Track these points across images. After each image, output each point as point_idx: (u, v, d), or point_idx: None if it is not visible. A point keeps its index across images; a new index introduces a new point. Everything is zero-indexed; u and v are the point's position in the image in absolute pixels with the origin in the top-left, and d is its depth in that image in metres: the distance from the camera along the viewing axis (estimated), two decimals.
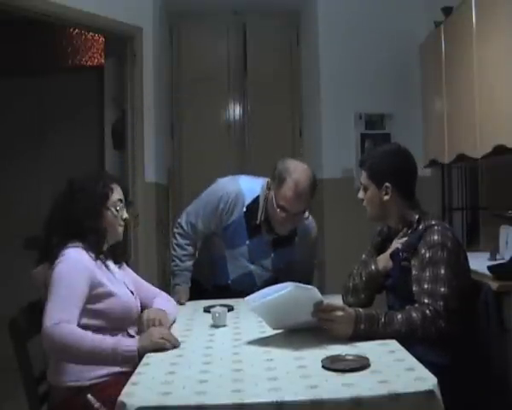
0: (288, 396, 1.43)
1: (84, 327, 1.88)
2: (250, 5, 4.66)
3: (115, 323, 2.02)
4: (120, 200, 2.17)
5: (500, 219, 3.21)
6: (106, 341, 1.87)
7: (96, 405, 1.82)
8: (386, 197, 2.18)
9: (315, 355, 1.72)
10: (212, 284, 2.77)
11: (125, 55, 4.05)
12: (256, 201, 2.61)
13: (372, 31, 4.37)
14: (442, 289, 1.96)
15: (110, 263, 2.15)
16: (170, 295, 2.51)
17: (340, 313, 1.88)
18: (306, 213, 2.66)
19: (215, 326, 2.16)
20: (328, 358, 1.66)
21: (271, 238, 2.63)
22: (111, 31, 3.97)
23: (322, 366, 1.62)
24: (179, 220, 2.81)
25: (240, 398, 1.43)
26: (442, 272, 1.99)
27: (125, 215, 2.18)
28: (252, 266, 2.69)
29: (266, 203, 2.57)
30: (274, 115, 4.80)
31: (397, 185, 2.17)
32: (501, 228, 3.21)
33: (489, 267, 2.61)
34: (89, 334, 1.86)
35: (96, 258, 2.05)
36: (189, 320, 2.33)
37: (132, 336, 2.06)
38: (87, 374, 1.92)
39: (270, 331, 2.04)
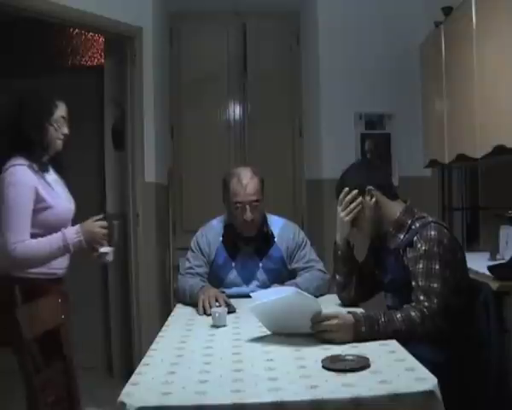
0: (288, 396, 1.43)
1: None
2: (250, 5, 4.65)
3: (50, 230, 2.35)
4: (63, 117, 2.48)
5: (500, 219, 3.21)
6: (55, 238, 2.32)
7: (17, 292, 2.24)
8: (372, 201, 2.22)
9: (315, 355, 1.72)
10: None
11: (125, 55, 4.05)
12: (226, 227, 2.79)
13: (372, 31, 4.37)
14: (435, 285, 1.98)
15: (48, 175, 2.44)
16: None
17: (335, 322, 1.89)
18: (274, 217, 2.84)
19: (215, 326, 2.17)
20: (328, 358, 1.66)
21: (252, 249, 2.75)
22: (111, 31, 3.96)
23: (323, 366, 1.62)
24: (180, 271, 2.83)
25: (240, 398, 1.43)
26: (436, 267, 2.00)
27: (66, 131, 2.49)
28: (248, 289, 2.68)
29: (228, 217, 2.77)
30: (274, 115, 4.79)
31: (377, 186, 2.24)
32: (501, 228, 3.21)
33: (489, 267, 2.61)
34: (40, 241, 2.30)
35: (38, 171, 2.35)
36: (189, 320, 2.33)
37: None
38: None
39: (270, 331, 2.04)
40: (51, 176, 2.48)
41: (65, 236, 2.35)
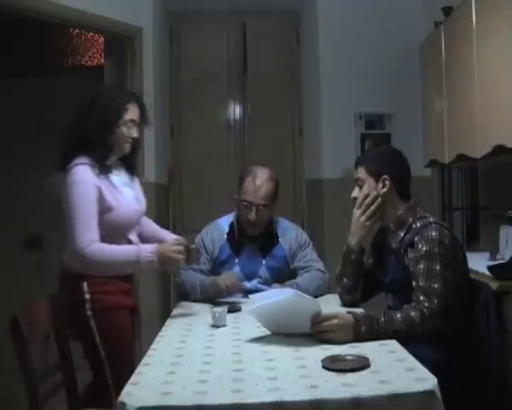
0: (288, 396, 1.43)
1: None
2: (250, 5, 4.65)
3: (114, 232, 2.29)
4: (132, 120, 2.35)
5: (500, 219, 3.21)
6: (129, 251, 2.27)
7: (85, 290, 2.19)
8: (383, 190, 2.21)
9: (315, 355, 1.72)
10: None
11: (125, 55, 4.05)
12: (232, 225, 2.80)
13: (372, 31, 4.37)
14: (436, 286, 1.98)
15: (113, 176, 2.35)
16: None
17: (335, 322, 1.89)
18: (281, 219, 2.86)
19: (215, 326, 2.17)
20: (328, 358, 1.66)
21: (256, 247, 2.76)
22: (111, 31, 3.96)
23: (323, 366, 1.62)
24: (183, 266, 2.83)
25: (240, 398, 1.43)
26: (437, 267, 2.01)
27: (134, 134, 2.37)
28: (250, 285, 2.71)
29: (237, 212, 2.77)
30: (274, 115, 4.79)
31: (393, 179, 2.23)
32: (501, 228, 3.21)
33: (489, 267, 2.61)
34: (113, 248, 2.23)
35: (100, 172, 2.27)
36: (189, 320, 2.33)
37: (130, 242, 2.35)
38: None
39: (270, 331, 2.04)
40: (117, 177, 2.38)
41: (139, 253, 2.26)
